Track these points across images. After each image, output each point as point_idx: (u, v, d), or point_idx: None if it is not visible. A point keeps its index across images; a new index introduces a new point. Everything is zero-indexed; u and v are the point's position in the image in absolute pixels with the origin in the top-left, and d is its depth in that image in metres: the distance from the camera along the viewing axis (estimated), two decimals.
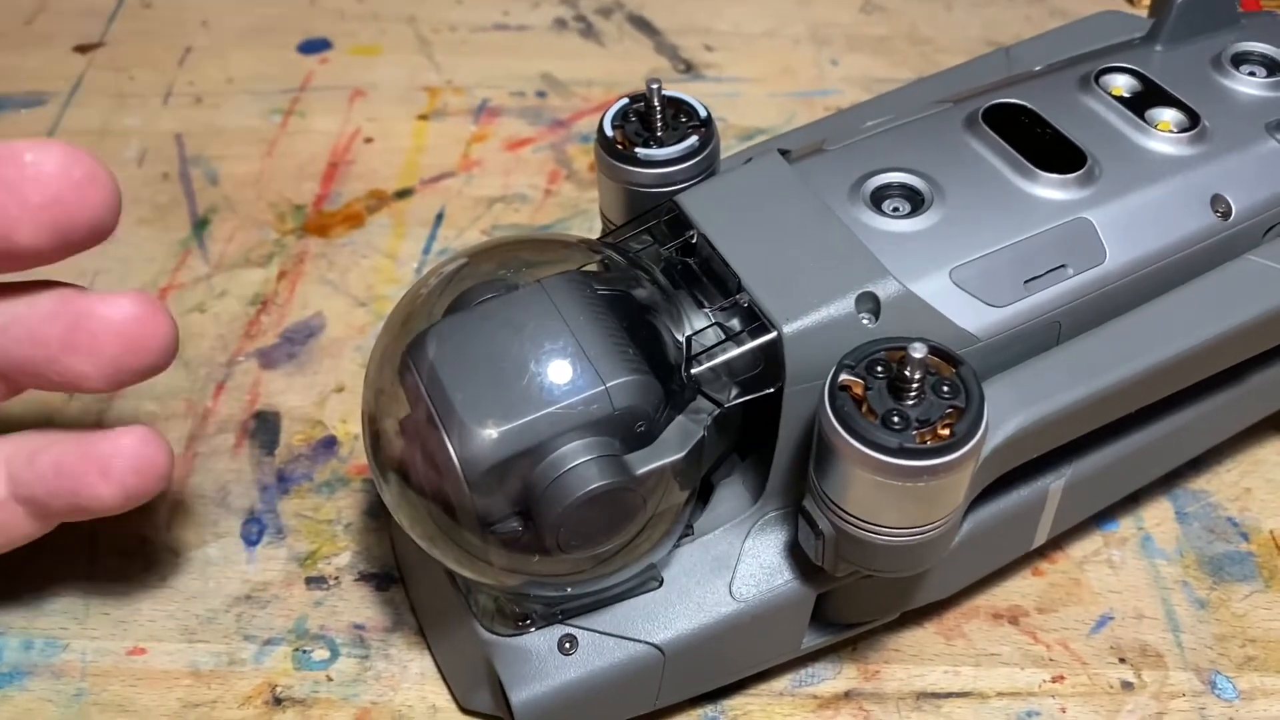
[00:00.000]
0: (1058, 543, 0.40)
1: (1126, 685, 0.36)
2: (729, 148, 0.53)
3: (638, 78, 0.59)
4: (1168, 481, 0.41)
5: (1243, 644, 0.37)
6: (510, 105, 0.57)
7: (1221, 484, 0.42)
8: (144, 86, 0.58)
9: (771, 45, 0.61)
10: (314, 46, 0.61)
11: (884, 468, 0.28)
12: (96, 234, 0.32)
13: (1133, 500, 0.41)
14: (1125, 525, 0.40)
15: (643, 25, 0.62)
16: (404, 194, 0.53)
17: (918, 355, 0.28)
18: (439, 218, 0.51)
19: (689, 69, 0.60)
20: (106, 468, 0.33)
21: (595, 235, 0.38)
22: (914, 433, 0.28)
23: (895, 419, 0.28)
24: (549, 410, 0.30)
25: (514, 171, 0.54)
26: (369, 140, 0.55)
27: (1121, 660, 0.37)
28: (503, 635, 0.33)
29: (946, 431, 0.28)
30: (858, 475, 0.28)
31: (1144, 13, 0.42)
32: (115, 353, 0.32)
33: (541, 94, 0.58)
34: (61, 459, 0.33)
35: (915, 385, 0.28)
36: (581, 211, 0.52)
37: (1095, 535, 0.40)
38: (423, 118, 0.57)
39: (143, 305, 0.32)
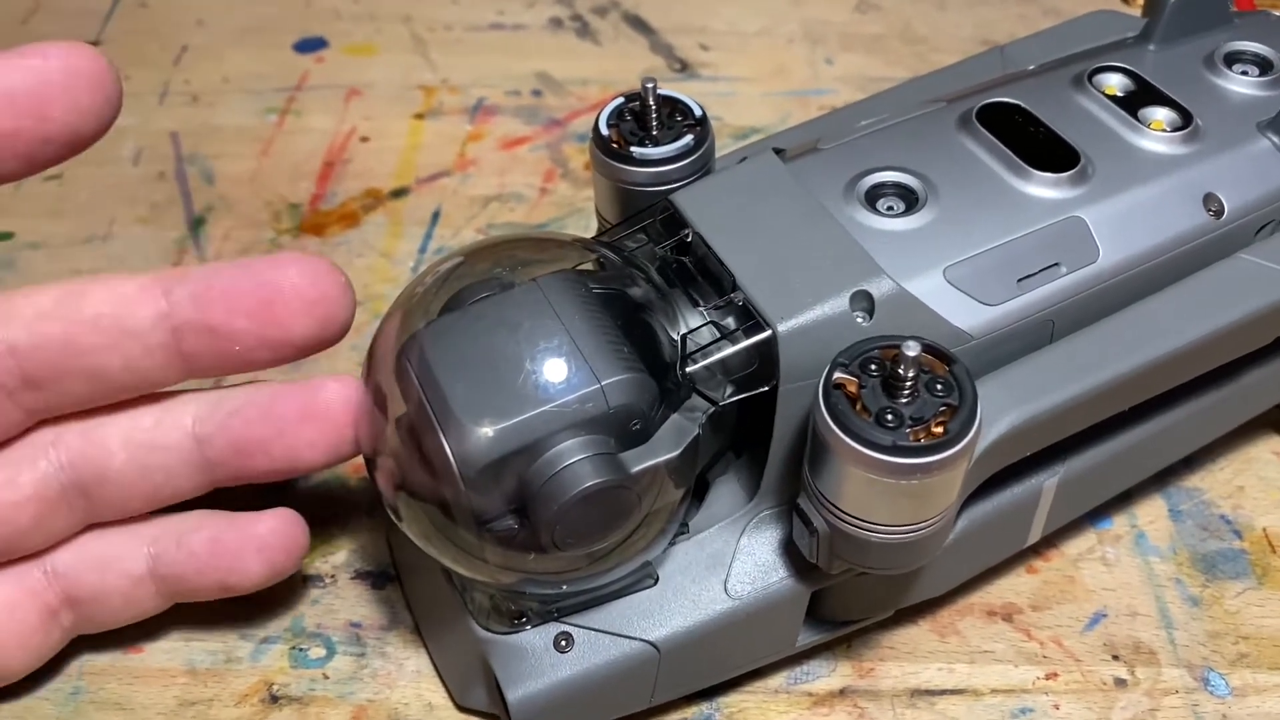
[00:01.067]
0: (1052, 540, 0.40)
1: (1120, 682, 0.36)
2: (724, 147, 0.54)
3: (633, 77, 0.59)
4: (1161, 479, 0.41)
5: (1235, 641, 0.37)
6: (506, 104, 0.57)
7: (1215, 482, 0.42)
8: (139, 85, 0.58)
9: (766, 44, 0.61)
10: (310, 46, 0.61)
11: (878, 465, 0.28)
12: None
13: (1126, 498, 0.41)
14: (1119, 523, 0.41)
15: (638, 24, 0.62)
16: (400, 193, 0.53)
17: (911, 354, 0.28)
18: (435, 217, 0.51)
19: (684, 68, 0.60)
20: (263, 546, 0.35)
21: (590, 234, 0.38)
22: (908, 431, 0.28)
23: (889, 417, 0.28)
24: (544, 408, 0.30)
25: (510, 171, 0.54)
26: (365, 139, 0.55)
27: (1115, 657, 0.37)
28: (498, 633, 0.33)
29: (940, 429, 0.28)
30: (852, 473, 0.29)
31: (1138, 12, 0.42)
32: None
33: (537, 93, 0.58)
34: (218, 538, 0.35)
35: (909, 383, 0.28)
36: (577, 210, 0.52)
37: (1089, 533, 0.40)
38: (418, 117, 0.57)
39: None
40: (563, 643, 0.33)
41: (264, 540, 0.35)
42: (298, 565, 0.36)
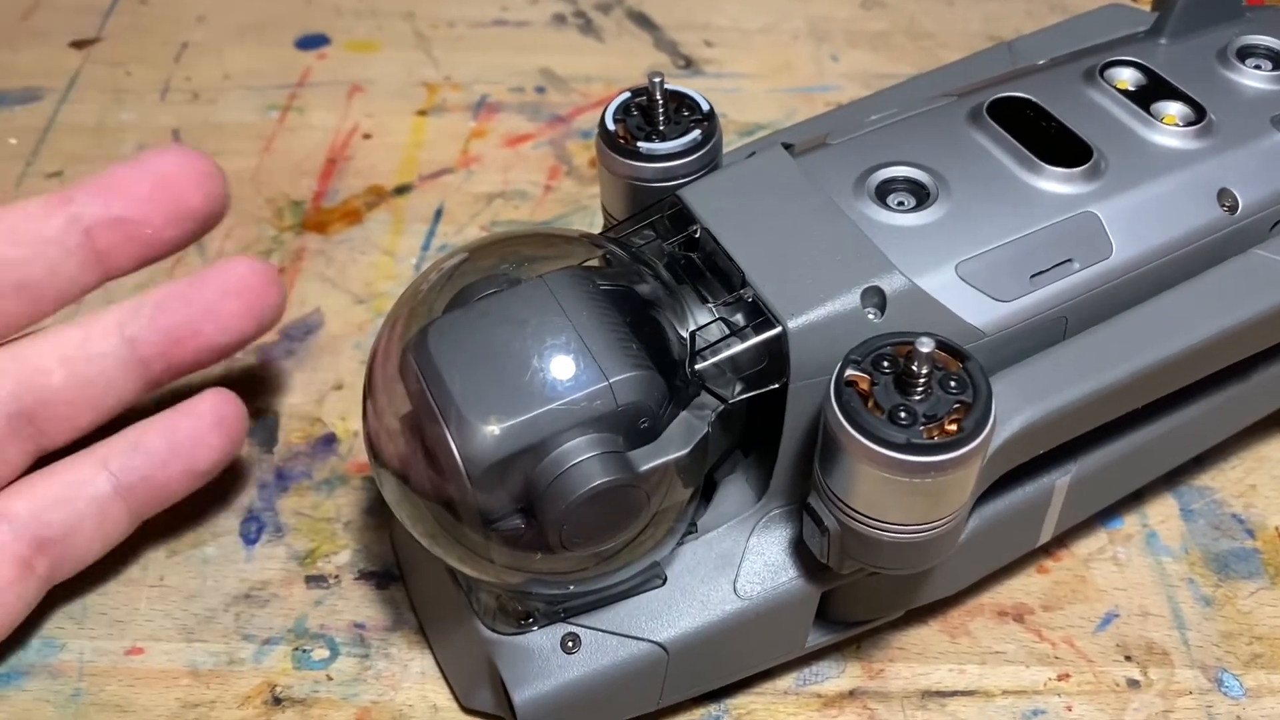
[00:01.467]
0: (1062, 540, 0.39)
1: (1132, 683, 0.36)
2: (729, 144, 0.53)
3: (637, 73, 0.58)
4: (1172, 478, 0.41)
5: (1249, 641, 0.37)
6: (509, 101, 0.57)
7: (1227, 480, 0.41)
8: (140, 82, 0.58)
9: (771, 41, 0.61)
10: (312, 42, 0.60)
11: (891, 463, 0.28)
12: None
13: (1137, 497, 0.40)
14: (1130, 522, 0.40)
15: (642, 21, 0.62)
16: (403, 190, 0.52)
17: (925, 350, 0.27)
18: (438, 214, 0.51)
19: (688, 65, 0.59)
20: (217, 420, 0.37)
21: (596, 231, 0.37)
22: (921, 428, 0.28)
23: (902, 414, 0.28)
24: (552, 406, 0.29)
25: (513, 167, 0.53)
26: (367, 136, 0.55)
27: (1127, 658, 0.37)
28: (505, 634, 0.33)
29: (954, 427, 0.28)
30: (864, 471, 0.28)
31: (1147, 6, 0.41)
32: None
33: (541, 90, 0.58)
34: (171, 427, 0.37)
35: (922, 380, 0.28)
36: (582, 208, 0.51)
37: (1100, 533, 0.40)
38: (421, 113, 0.56)
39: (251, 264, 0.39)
40: (570, 644, 0.32)
41: (214, 415, 0.37)
42: (244, 435, 0.38)
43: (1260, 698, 0.36)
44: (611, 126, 0.36)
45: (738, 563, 0.33)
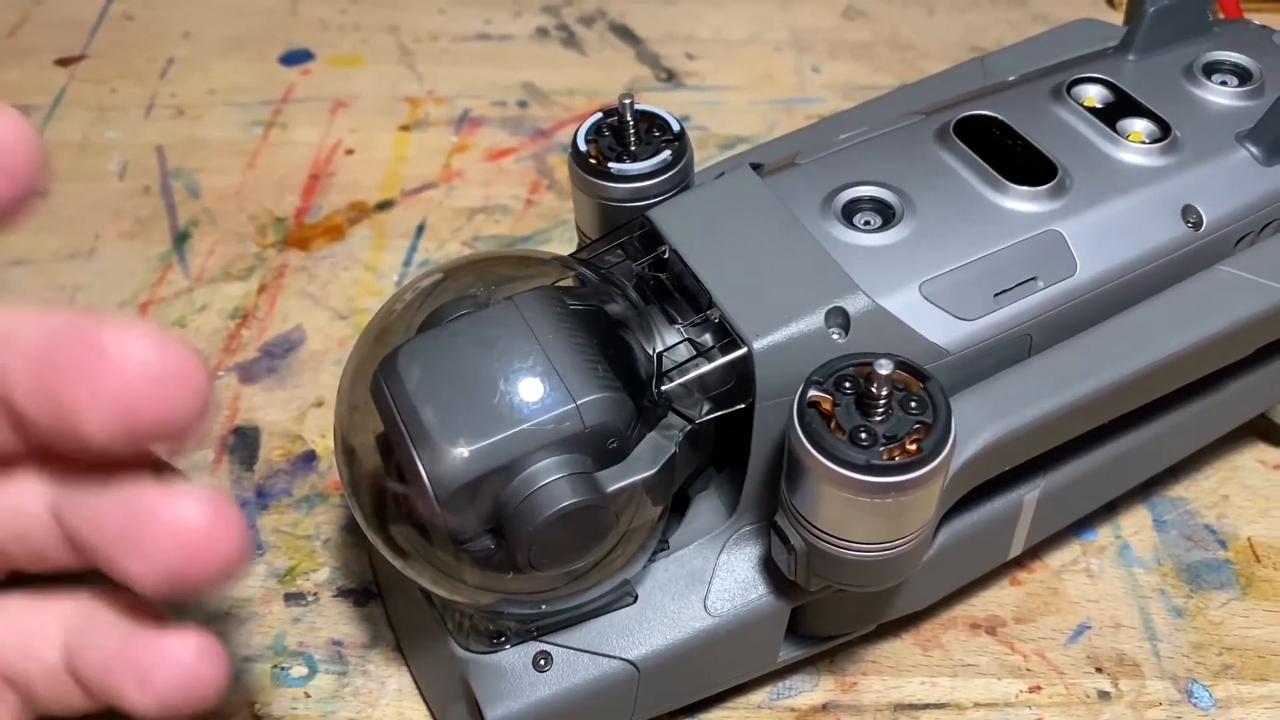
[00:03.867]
0: (1035, 552, 0.40)
1: (1103, 695, 0.36)
2: (710, 157, 0.54)
3: (620, 86, 0.59)
4: (1146, 489, 0.41)
5: (1219, 652, 0.37)
6: (492, 115, 0.57)
7: (1200, 491, 0.42)
8: (125, 99, 0.58)
9: (753, 52, 0.61)
10: (296, 58, 0.61)
11: (852, 484, 0.28)
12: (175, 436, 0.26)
13: (1110, 509, 0.41)
14: (1103, 534, 0.41)
15: (624, 34, 0.62)
16: (385, 205, 0.53)
17: (884, 371, 0.28)
18: (420, 229, 0.51)
19: (671, 77, 0.60)
20: (147, 678, 0.27)
21: (575, 246, 0.38)
22: (881, 449, 0.28)
23: (863, 435, 0.28)
24: (520, 428, 0.29)
25: (495, 182, 0.54)
26: (350, 151, 0.55)
27: (1098, 670, 0.37)
28: (478, 652, 0.33)
29: (914, 447, 0.28)
30: (827, 491, 0.29)
31: (1120, 20, 0.42)
32: (171, 560, 0.26)
33: (523, 104, 0.58)
34: (106, 653, 0.28)
35: (883, 401, 0.28)
36: (563, 221, 0.52)
37: (1073, 544, 0.40)
38: (404, 128, 0.57)
39: (210, 508, 0.26)
40: (541, 662, 0.33)
41: (149, 672, 0.27)
42: (205, 703, 0.27)
43: (1230, 708, 0.36)
44: (583, 147, 0.36)
45: (708, 580, 0.33)
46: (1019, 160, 0.35)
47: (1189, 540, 0.40)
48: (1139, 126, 0.36)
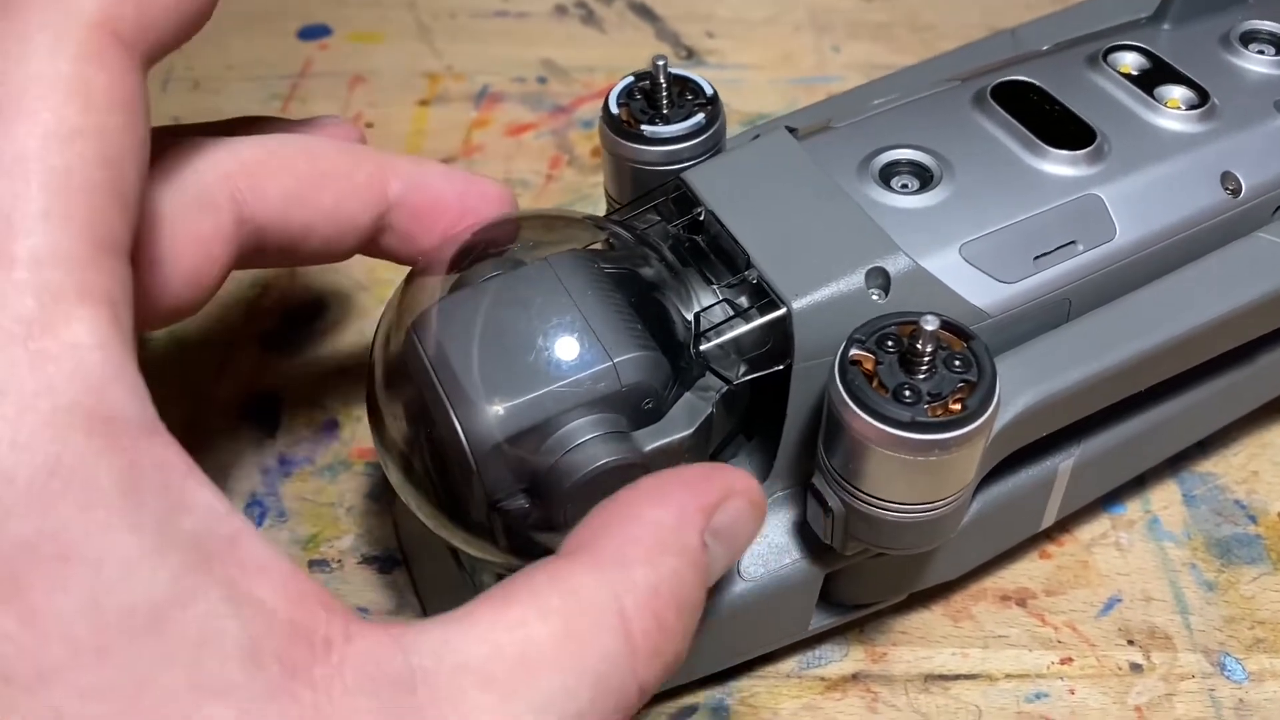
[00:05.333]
0: (1065, 525, 0.39)
1: (1135, 667, 0.36)
2: (731, 134, 0.53)
3: (639, 64, 0.58)
4: (1175, 464, 0.41)
5: (1251, 626, 0.37)
6: (511, 91, 0.57)
7: (1229, 466, 0.41)
8: None
9: (772, 32, 0.61)
10: (314, 33, 0.60)
11: (896, 442, 0.28)
12: None
13: (1140, 483, 0.40)
14: (1132, 508, 0.40)
15: (644, 12, 0.62)
16: None
17: (930, 328, 0.27)
18: None
19: (690, 55, 0.59)
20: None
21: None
22: (926, 406, 0.28)
23: (907, 393, 0.28)
24: (556, 386, 0.29)
25: (515, 157, 0.53)
26: (369, 126, 0.55)
27: (1130, 642, 0.37)
28: None
29: (958, 405, 0.28)
30: (869, 450, 0.28)
31: None
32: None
33: (542, 80, 0.58)
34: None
35: (927, 359, 0.28)
36: (583, 197, 0.51)
37: (1103, 518, 0.40)
38: (423, 104, 0.56)
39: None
40: None
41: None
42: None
43: (1263, 681, 0.36)
44: (615, 110, 0.36)
45: None
46: (1057, 125, 0.34)
47: (1219, 515, 0.40)
48: (1176, 93, 0.36)
